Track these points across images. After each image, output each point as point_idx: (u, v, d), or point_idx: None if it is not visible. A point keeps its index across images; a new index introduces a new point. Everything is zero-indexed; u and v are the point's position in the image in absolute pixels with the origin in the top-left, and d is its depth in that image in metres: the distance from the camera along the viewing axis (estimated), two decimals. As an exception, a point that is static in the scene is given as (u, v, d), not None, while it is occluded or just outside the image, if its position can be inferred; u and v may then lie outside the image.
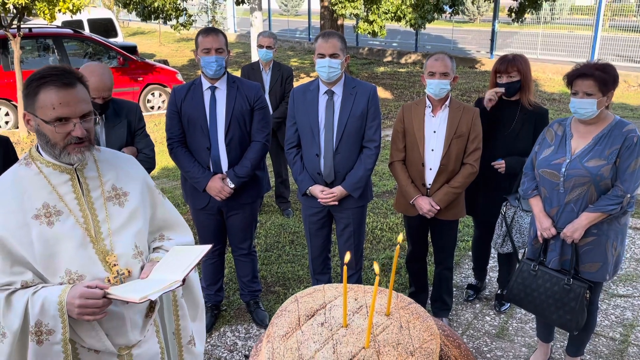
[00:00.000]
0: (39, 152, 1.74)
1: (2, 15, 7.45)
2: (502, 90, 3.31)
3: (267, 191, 3.56)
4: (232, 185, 3.21)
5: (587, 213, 2.65)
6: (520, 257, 3.25)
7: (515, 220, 3.32)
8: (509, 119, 3.37)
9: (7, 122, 8.61)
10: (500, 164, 3.37)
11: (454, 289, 3.91)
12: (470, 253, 4.42)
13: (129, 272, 1.78)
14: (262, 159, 3.32)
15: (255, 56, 9.13)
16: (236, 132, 3.19)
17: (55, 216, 1.70)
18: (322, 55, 3.00)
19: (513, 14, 10.72)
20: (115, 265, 1.75)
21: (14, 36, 7.71)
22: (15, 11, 7.57)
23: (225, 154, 3.21)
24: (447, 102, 3.16)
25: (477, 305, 3.84)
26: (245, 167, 3.21)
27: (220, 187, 3.18)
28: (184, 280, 1.67)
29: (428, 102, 3.17)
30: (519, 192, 3.07)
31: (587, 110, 2.60)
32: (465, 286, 4.02)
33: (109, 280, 1.73)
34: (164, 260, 1.81)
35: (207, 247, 1.84)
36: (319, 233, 3.37)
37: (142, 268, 1.83)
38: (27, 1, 6.91)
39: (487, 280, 4.06)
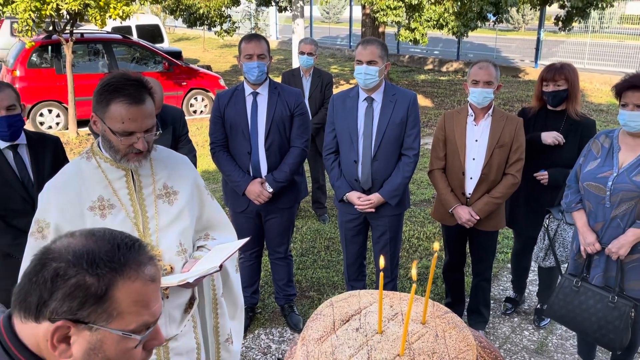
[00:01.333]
0: (100, 147, 1.83)
1: (56, 20, 7.79)
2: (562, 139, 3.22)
3: (304, 196, 3.59)
4: (271, 190, 3.24)
5: (634, 229, 2.56)
6: (562, 271, 3.16)
7: (559, 234, 3.23)
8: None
9: (57, 124, 8.95)
10: (543, 175, 3.29)
11: (492, 302, 3.82)
12: (509, 265, 4.32)
13: (171, 268, 1.85)
14: (300, 164, 3.35)
15: (296, 63, 9.22)
16: (276, 138, 3.23)
17: (108, 209, 1.79)
18: (360, 62, 3.01)
19: (560, 23, 10.44)
20: (159, 260, 1.82)
21: (67, 41, 8.03)
22: (68, 17, 7.90)
23: (264, 158, 3.26)
24: (490, 111, 3.11)
25: (515, 319, 3.74)
26: (284, 172, 3.25)
27: (259, 191, 3.23)
28: (220, 266, 1.73)
29: (470, 111, 3.13)
30: (561, 204, 2.99)
31: (638, 123, 2.52)
32: (503, 299, 3.93)
33: None
34: (205, 258, 1.87)
35: (244, 240, 1.92)
36: (354, 240, 3.37)
37: (184, 265, 1.88)
38: (79, 7, 7.20)
39: (526, 294, 3.95)
